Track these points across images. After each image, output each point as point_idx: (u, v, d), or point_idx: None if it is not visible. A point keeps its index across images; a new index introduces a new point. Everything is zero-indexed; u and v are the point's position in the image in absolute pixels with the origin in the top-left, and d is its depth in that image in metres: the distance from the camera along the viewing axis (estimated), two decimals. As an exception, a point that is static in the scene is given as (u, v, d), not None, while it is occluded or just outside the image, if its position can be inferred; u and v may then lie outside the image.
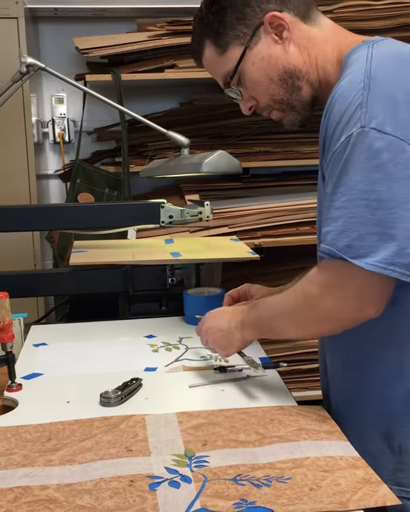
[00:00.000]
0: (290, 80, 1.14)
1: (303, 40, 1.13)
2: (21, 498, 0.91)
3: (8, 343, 1.29)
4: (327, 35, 1.14)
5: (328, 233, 1.01)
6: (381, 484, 0.93)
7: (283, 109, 1.19)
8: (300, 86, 1.15)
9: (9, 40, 2.45)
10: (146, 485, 0.94)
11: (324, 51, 1.13)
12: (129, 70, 2.49)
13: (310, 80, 1.15)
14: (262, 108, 1.21)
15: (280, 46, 1.13)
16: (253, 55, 1.15)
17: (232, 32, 1.15)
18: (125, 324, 1.74)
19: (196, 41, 1.22)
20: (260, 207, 2.50)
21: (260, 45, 1.14)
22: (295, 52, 1.13)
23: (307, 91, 1.15)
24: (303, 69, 1.14)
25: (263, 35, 1.13)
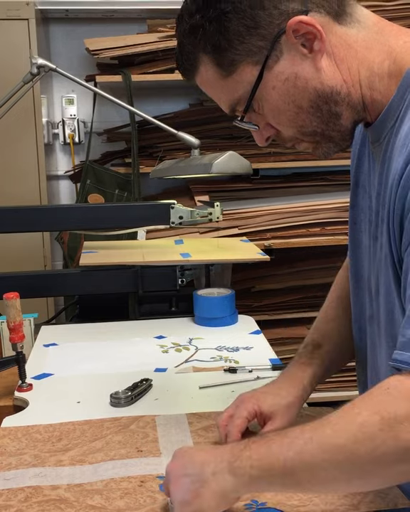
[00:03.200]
0: (326, 106, 0.85)
1: (340, 50, 0.83)
2: (32, 498, 0.91)
3: (19, 343, 1.30)
4: (370, 38, 0.84)
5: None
6: (392, 486, 0.92)
7: (316, 141, 0.90)
8: (338, 113, 0.85)
9: (20, 41, 2.45)
10: (156, 485, 0.94)
11: (369, 61, 0.84)
12: (139, 71, 2.50)
13: (352, 103, 0.85)
14: (285, 139, 0.92)
15: (309, 61, 0.83)
16: (273, 76, 0.84)
17: (241, 46, 0.83)
18: (135, 325, 1.74)
19: (186, 55, 0.87)
20: (270, 208, 2.50)
21: (283, 63, 0.83)
22: (330, 67, 0.83)
23: (349, 117, 0.86)
24: (343, 90, 0.84)
25: (286, 48, 0.82)
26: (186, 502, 0.79)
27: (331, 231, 2.46)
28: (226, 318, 1.68)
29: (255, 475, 0.75)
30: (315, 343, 1.09)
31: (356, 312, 1.03)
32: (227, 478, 0.77)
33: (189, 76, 0.90)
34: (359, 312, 1.02)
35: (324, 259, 2.51)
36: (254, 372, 1.35)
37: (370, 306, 0.95)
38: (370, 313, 0.96)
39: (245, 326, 1.69)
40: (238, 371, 1.36)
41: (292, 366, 1.07)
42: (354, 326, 1.05)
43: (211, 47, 0.84)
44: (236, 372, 1.36)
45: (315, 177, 2.73)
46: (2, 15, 2.44)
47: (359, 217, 0.98)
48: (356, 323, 1.04)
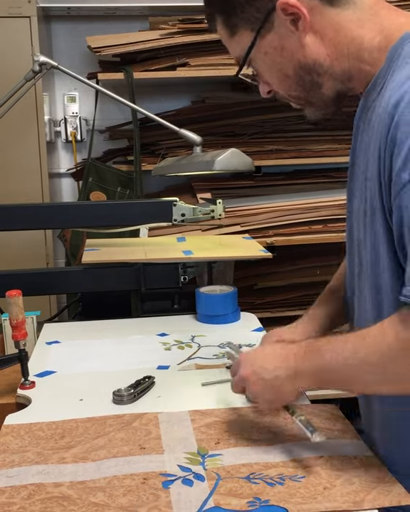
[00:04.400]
0: (308, 76, 0.97)
1: (328, 28, 0.94)
2: (35, 495, 0.91)
3: (21, 340, 1.30)
4: (363, 17, 0.94)
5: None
6: (395, 484, 0.92)
7: (302, 104, 1.03)
8: (319, 83, 0.97)
9: (22, 39, 2.45)
10: (159, 483, 0.94)
11: (359, 38, 0.94)
12: (141, 69, 2.49)
13: (336, 74, 0.97)
14: (280, 96, 1.05)
15: (295, 37, 0.94)
16: (265, 43, 0.96)
17: (242, 14, 0.96)
18: (137, 322, 1.74)
19: (207, 12, 1.03)
20: (272, 205, 2.50)
21: (273, 34, 0.95)
22: (314, 43, 0.94)
23: (330, 87, 0.98)
24: (325, 63, 0.95)
25: (277, 22, 0.94)
26: (270, 400, 1.02)
27: (333, 228, 2.46)
28: (229, 316, 1.68)
29: (315, 379, 0.97)
30: (332, 288, 1.23)
31: (348, 272, 1.10)
32: (297, 381, 0.98)
33: (212, 28, 1.04)
34: (350, 272, 1.08)
35: (327, 256, 2.51)
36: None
37: (359, 263, 1.03)
38: (358, 270, 1.03)
39: (248, 323, 1.69)
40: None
41: (310, 309, 1.23)
42: (346, 285, 1.12)
43: (221, 9, 0.99)
44: (239, 370, 1.35)
45: (317, 174, 2.72)
46: (4, 12, 2.43)
47: (354, 185, 1.04)
48: (347, 283, 1.11)
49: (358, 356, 0.90)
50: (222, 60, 2.42)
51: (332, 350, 0.94)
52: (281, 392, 1.00)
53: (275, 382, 0.99)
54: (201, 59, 2.45)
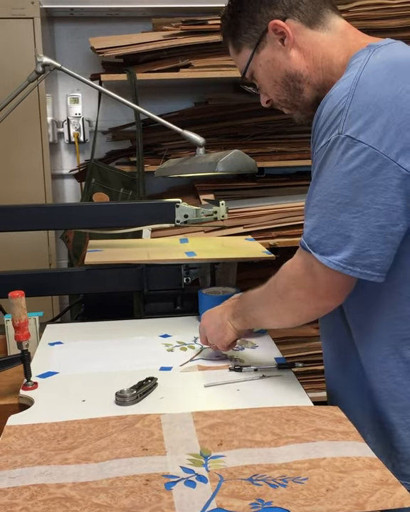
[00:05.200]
0: (292, 82, 1.21)
1: (307, 45, 1.18)
2: (37, 496, 0.91)
3: (24, 341, 1.30)
4: (335, 39, 1.18)
5: (305, 227, 1.11)
6: (398, 486, 0.92)
7: (289, 108, 1.27)
8: (301, 88, 1.21)
9: (25, 40, 2.46)
10: (162, 484, 0.94)
11: (330, 55, 1.17)
12: (144, 70, 2.50)
13: (312, 83, 1.20)
14: (274, 104, 1.29)
15: (282, 51, 1.19)
16: (260, 57, 1.22)
17: (245, 35, 1.22)
18: (140, 323, 1.74)
19: (222, 36, 1.30)
20: (275, 207, 2.50)
21: (266, 50, 1.21)
22: (297, 57, 1.19)
23: (309, 93, 1.21)
24: (305, 73, 1.19)
25: (269, 40, 1.20)
26: (220, 336, 1.35)
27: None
28: (231, 317, 1.67)
29: (241, 319, 1.31)
30: None
31: None
32: (233, 322, 1.33)
33: (226, 49, 1.30)
34: None
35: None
36: (259, 371, 1.35)
37: None
38: None
39: (250, 324, 1.68)
40: (243, 370, 1.36)
41: None
42: None
43: (230, 32, 1.26)
44: (241, 371, 1.35)
45: (320, 176, 2.72)
46: (7, 14, 2.44)
47: None
48: None
49: (259, 296, 1.25)
50: (225, 62, 2.43)
51: (249, 294, 1.29)
52: (225, 330, 1.33)
53: (221, 324, 1.33)
54: (204, 60, 2.46)
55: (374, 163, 1.02)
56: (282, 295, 1.17)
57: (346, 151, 1.04)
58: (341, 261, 1.06)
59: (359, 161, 1.03)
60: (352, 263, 1.05)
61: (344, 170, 1.04)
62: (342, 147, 1.04)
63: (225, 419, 1.14)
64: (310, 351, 2.59)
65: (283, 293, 1.17)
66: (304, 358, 2.53)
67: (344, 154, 1.04)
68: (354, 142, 1.03)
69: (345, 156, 1.04)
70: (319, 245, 1.08)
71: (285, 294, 1.16)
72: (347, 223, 1.05)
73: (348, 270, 1.06)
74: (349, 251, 1.05)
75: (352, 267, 1.05)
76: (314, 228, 1.08)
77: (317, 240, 1.08)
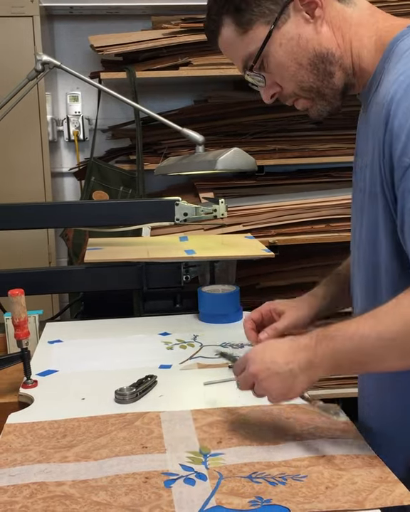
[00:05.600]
0: (322, 64, 1.01)
1: (337, 21, 1.00)
2: (37, 494, 0.91)
3: (24, 339, 1.30)
4: (362, 17, 1.01)
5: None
6: (397, 483, 0.92)
7: (312, 98, 1.05)
8: (332, 72, 1.01)
9: (25, 38, 2.45)
10: (161, 482, 0.94)
11: (360, 35, 1.00)
12: (143, 68, 2.49)
13: (344, 66, 1.01)
14: (286, 96, 1.07)
15: (311, 26, 0.99)
16: (280, 35, 1.00)
17: (257, 8, 1.00)
18: (140, 321, 1.74)
19: (212, 19, 1.06)
20: (274, 205, 2.50)
21: (289, 24, 1.00)
22: (327, 33, 1.00)
23: (341, 78, 1.02)
24: (337, 53, 1.00)
25: (293, 12, 0.99)
26: (283, 394, 1.00)
27: (336, 228, 2.46)
28: (231, 315, 1.68)
29: (330, 368, 0.96)
30: (336, 272, 1.29)
31: (351, 261, 1.16)
32: (311, 372, 0.97)
33: (213, 38, 1.07)
34: (352, 261, 1.15)
35: (329, 255, 2.50)
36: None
37: (355, 252, 1.10)
38: (354, 259, 1.11)
39: (250, 322, 1.68)
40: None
41: (314, 288, 1.29)
42: (351, 274, 1.17)
43: (233, 8, 1.01)
44: (241, 369, 1.35)
45: (320, 174, 2.72)
46: (7, 12, 2.44)
47: (355, 179, 1.10)
48: (351, 271, 1.16)
49: (373, 332, 0.91)
50: (225, 60, 2.40)
51: (344, 333, 0.94)
52: (295, 385, 0.98)
53: (290, 376, 0.97)
54: (203, 58, 2.45)
55: None
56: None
57: None
58: None
59: None
60: None
61: None
62: None
63: (224, 416, 1.14)
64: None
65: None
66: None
67: None
68: None
69: None
70: None
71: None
72: None
73: None
74: None
75: None
76: None
77: None
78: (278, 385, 0.99)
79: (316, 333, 0.98)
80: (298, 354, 0.97)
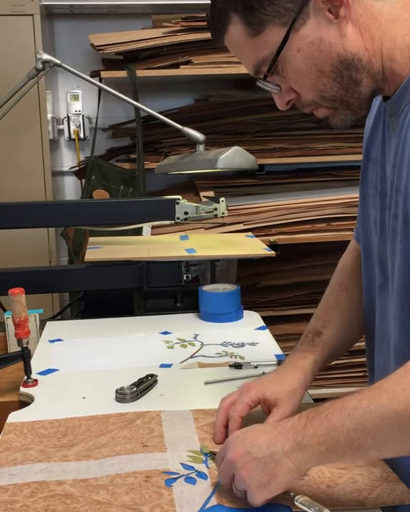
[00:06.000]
0: (347, 71, 0.88)
1: (365, 19, 0.86)
2: (38, 493, 0.91)
3: (24, 338, 1.30)
4: (395, 12, 0.87)
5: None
6: (398, 483, 0.92)
7: (334, 107, 0.92)
8: (358, 79, 0.88)
9: (25, 37, 2.45)
10: (162, 481, 0.94)
11: (392, 34, 0.87)
12: (144, 67, 2.49)
13: (372, 71, 0.88)
14: (304, 103, 0.94)
15: (334, 27, 0.86)
16: (299, 38, 0.87)
17: (270, 7, 0.86)
18: (140, 320, 1.74)
19: (217, 15, 0.91)
20: (275, 204, 2.50)
21: (309, 26, 0.86)
22: (354, 35, 0.86)
23: (368, 85, 0.89)
24: (364, 57, 0.87)
25: (313, 12, 0.86)
26: (263, 484, 0.81)
27: (336, 227, 2.46)
28: (232, 314, 1.68)
29: (323, 450, 0.78)
30: (316, 331, 1.13)
31: (366, 283, 1.06)
32: (298, 456, 0.79)
33: (218, 36, 0.93)
34: (368, 283, 1.05)
35: (330, 254, 2.50)
36: (259, 368, 1.35)
37: (380, 276, 0.98)
38: (380, 282, 0.98)
39: (251, 321, 1.68)
40: (243, 367, 1.35)
41: (294, 354, 1.11)
42: (365, 298, 1.08)
43: (242, 5, 0.87)
44: (242, 368, 1.35)
45: (320, 173, 2.72)
46: (7, 11, 2.43)
47: (368, 192, 1.01)
48: (366, 295, 1.07)
49: (377, 411, 0.75)
50: (225, 58, 2.42)
51: (341, 410, 0.78)
52: (277, 473, 0.80)
53: (271, 461, 0.81)
54: (204, 57, 2.45)
55: None
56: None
57: None
58: None
59: None
60: None
61: None
62: None
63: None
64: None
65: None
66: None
67: None
68: None
69: None
70: None
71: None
72: None
73: None
74: None
75: None
76: None
77: None
78: (257, 472, 0.81)
79: (306, 412, 0.82)
80: (282, 436, 0.81)
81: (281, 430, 0.82)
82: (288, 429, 0.82)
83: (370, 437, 0.75)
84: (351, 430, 0.76)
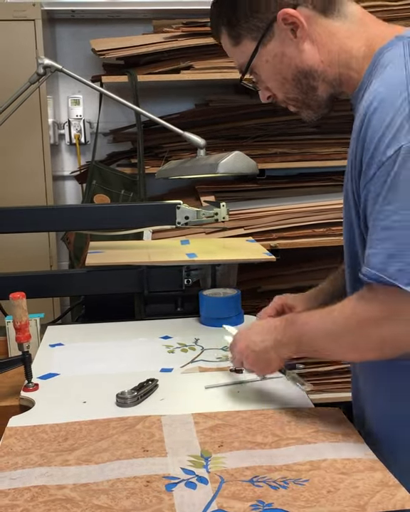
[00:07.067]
0: (305, 79, 1.07)
1: (322, 37, 1.04)
2: (38, 498, 0.91)
3: (25, 343, 1.30)
4: (352, 28, 1.04)
5: (374, 256, 0.94)
6: (399, 487, 0.92)
7: (299, 106, 1.13)
8: (315, 86, 1.08)
9: (26, 41, 2.46)
10: (162, 485, 0.94)
11: (348, 46, 1.04)
12: (145, 72, 2.49)
13: (328, 79, 1.07)
14: (279, 101, 1.15)
15: (294, 44, 1.04)
16: (266, 51, 1.07)
17: (245, 24, 1.06)
18: (141, 325, 1.74)
19: (213, 25, 1.13)
20: (276, 208, 2.49)
21: (274, 42, 1.05)
22: (310, 50, 1.04)
23: (324, 90, 1.08)
24: (319, 68, 1.05)
25: (277, 31, 1.04)
26: (262, 368, 1.17)
27: (337, 231, 2.45)
28: (232, 319, 1.67)
29: (295, 348, 1.10)
30: (319, 288, 1.41)
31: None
32: (280, 350, 1.11)
33: (217, 40, 1.15)
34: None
35: (330, 259, 2.50)
36: (260, 372, 1.35)
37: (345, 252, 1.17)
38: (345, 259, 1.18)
39: (251, 326, 1.68)
40: (244, 371, 1.35)
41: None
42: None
43: (226, 21, 1.09)
44: (242, 373, 1.35)
45: (321, 177, 2.72)
46: (8, 16, 2.44)
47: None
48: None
49: (324, 327, 1.04)
50: (226, 63, 2.42)
51: (306, 322, 1.07)
52: (269, 360, 1.13)
53: (264, 353, 1.13)
54: (205, 62, 2.46)
55: None
56: (371, 332, 0.97)
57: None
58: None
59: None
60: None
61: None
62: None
63: (225, 420, 1.14)
64: (311, 353, 2.58)
65: (371, 331, 0.97)
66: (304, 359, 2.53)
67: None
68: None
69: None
70: (403, 273, 0.90)
71: (375, 332, 0.97)
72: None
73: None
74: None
75: None
76: (393, 255, 0.91)
77: (400, 268, 0.91)
78: (257, 361, 1.15)
79: (286, 317, 1.14)
80: (270, 334, 1.13)
81: (268, 329, 1.14)
82: (273, 330, 1.12)
83: (321, 347, 1.06)
84: (309, 340, 1.06)
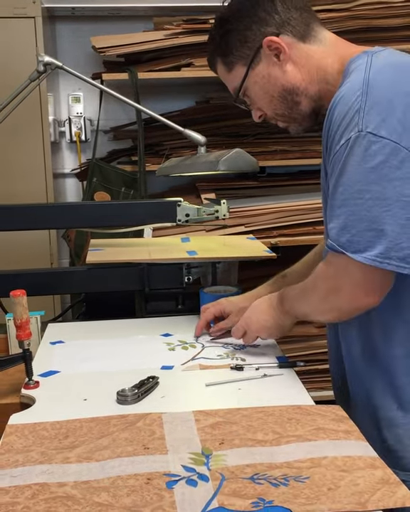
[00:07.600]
0: (290, 96, 1.24)
1: (302, 59, 1.22)
2: (39, 495, 0.91)
3: (26, 340, 1.30)
4: (327, 50, 1.23)
5: (332, 229, 1.11)
6: (400, 485, 0.92)
7: (286, 121, 1.30)
8: (298, 101, 1.25)
9: (27, 39, 2.46)
10: (163, 483, 0.94)
11: (324, 65, 1.22)
12: (145, 69, 2.49)
13: (309, 95, 1.24)
14: (269, 118, 1.32)
15: (278, 67, 1.23)
16: (254, 74, 1.25)
17: (237, 53, 1.24)
18: (141, 322, 1.74)
19: (210, 56, 1.32)
20: (276, 206, 2.50)
21: (261, 66, 1.24)
22: (292, 71, 1.22)
23: (307, 105, 1.25)
24: (301, 86, 1.23)
25: (263, 56, 1.23)
26: (268, 336, 1.41)
27: (337, 229, 2.45)
28: (233, 316, 1.67)
29: (289, 314, 1.32)
30: (283, 273, 1.60)
31: None
32: (279, 324, 1.35)
33: (214, 70, 1.34)
34: None
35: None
36: (261, 369, 1.35)
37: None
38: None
39: (252, 323, 1.68)
40: (244, 369, 1.36)
41: (259, 287, 1.59)
42: None
43: (220, 51, 1.28)
44: (243, 370, 1.35)
45: (322, 175, 2.72)
46: (9, 13, 2.44)
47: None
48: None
49: (303, 289, 1.26)
50: (226, 61, 2.42)
51: (293, 293, 1.30)
52: (272, 334, 1.41)
53: (267, 329, 1.38)
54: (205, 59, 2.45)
55: (398, 157, 1.04)
56: (323, 297, 1.19)
57: (369, 147, 1.05)
58: (377, 256, 1.06)
59: (384, 156, 1.04)
60: (388, 257, 1.06)
61: (370, 165, 1.05)
62: (364, 143, 1.05)
63: (226, 418, 1.14)
64: (312, 350, 2.59)
65: (324, 296, 1.19)
66: (305, 356, 2.53)
67: (368, 150, 1.05)
68: (376, 138, 1.04)
69: (368, 151, 1.05)
70: (351, 244, 1.08)
71: (325, 297, 1.18)
72: (379, 217, 1.05)
73: (385, 264, 1.06)
74: (383, 245, 1.05)
75: (389, 260, 1.06)
76: (343, 228, 1.09)
77: (348, 238, 1.08)
78: (263, 332, 1.39)
79: (280, 296, 1.34)
80: (272, 315, 1.35)
81: (269, 311, 1.36)
82: (272, 310, 1.35)
83: (303, 304, 1.27)
84: (296, 306, 1.29)
